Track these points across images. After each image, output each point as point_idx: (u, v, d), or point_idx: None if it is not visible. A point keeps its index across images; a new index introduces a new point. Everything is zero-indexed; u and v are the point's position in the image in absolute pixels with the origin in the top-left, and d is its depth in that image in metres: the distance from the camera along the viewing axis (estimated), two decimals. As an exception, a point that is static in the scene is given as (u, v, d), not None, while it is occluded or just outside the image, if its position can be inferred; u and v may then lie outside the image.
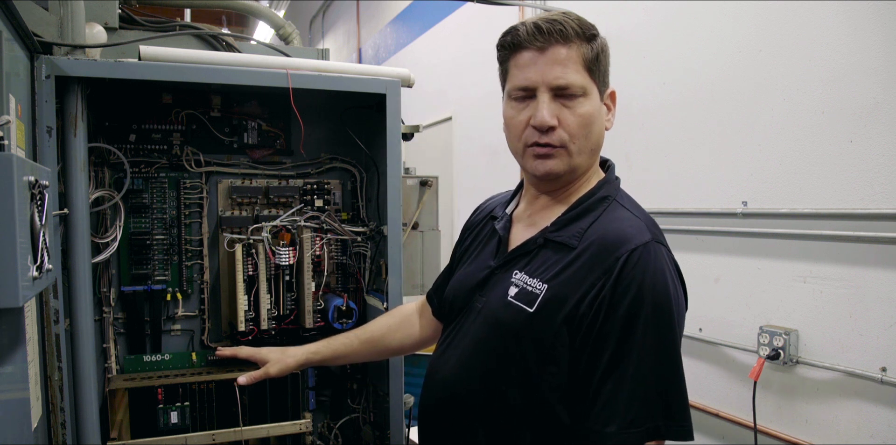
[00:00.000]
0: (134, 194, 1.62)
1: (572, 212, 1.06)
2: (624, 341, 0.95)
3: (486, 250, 1.18)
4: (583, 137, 1.03)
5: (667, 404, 0.95)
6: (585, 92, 1.02)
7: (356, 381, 1.79)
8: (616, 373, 0.95)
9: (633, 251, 0.97)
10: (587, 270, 0.99)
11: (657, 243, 0.99)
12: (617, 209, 1.06)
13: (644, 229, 1.01)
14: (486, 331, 1.08)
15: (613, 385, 0.95)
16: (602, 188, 1.09)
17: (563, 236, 1.04)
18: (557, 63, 1.00)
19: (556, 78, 1.00)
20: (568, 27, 1.00)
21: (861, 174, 1.96)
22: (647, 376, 0.94)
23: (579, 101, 1.01)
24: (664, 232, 1.09)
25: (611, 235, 1.00)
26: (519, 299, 1.04)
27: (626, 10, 2.91)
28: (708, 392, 2.50)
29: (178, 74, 1.39)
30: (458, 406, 1.10)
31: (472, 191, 4.26)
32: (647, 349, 0.94)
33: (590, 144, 1.04)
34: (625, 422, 0.94)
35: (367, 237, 1.72)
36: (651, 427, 0.94)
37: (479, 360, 1.08)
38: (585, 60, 1.02)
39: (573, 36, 1.00)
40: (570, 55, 1.00)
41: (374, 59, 6.47)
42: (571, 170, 1.05)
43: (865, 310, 1.96)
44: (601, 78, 1.05)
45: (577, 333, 0.98)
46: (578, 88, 1.01)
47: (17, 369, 0.98)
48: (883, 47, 1.90)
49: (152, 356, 1.62)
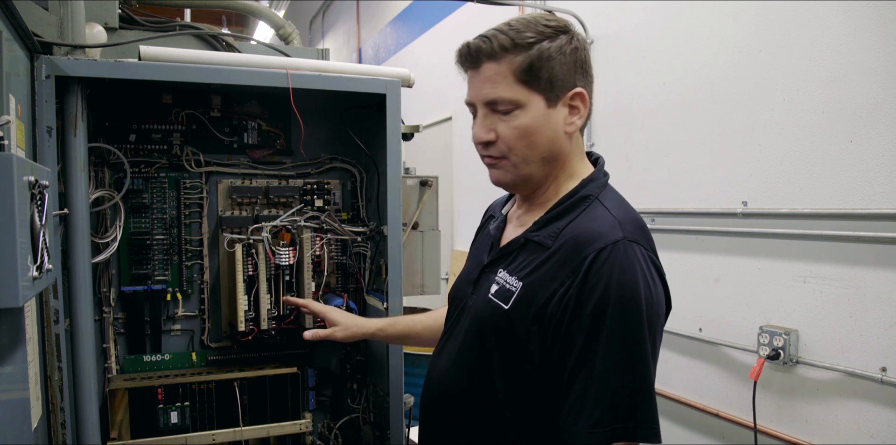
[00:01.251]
0: (134, 194, 1.62)
1: (552, 212, 1.07)
2: (590, 340, 0.95)
3: (483, 250, 1.20)
4: (524, 148, 1.04)
5: (632, 406, 0.94)
6: (519, 104, 1.03)
7: (356, 381, 1.79)
8: (583, 373, 0.95)
9: (602, 250, 0.96)
10: (557, 268, 0.99)
11: (630, 242, 0.98)
12: (596, 208, 1.05)
13: (616, 228, 0.99)
14: (471, 328, 1.10)
15: (580, 385, 0.95)
16: (585, 187, 1.08)
17: (541, 236, 1.05)
18: (487, 80, 1.03)
19: (486, 95, 1.04)
20: (496, 42, 1.02)
21: (861, 174, 1.96)
22: (613, 377, 0.94)
23: (515, 113, 1.03)
24: (665, 232, 1.09)
25: (582, 234, 1.00)
26: (497, 296, 1.06)
27: (626, 10, 2.91)
28: (708, 392, 2.50)
29: (178, 74, 1.39)
30: (451, 403, 1.11)
31: (472, 191, 4.26)
32: (613, 350, 0.94)
33: (536, 153, 1.05)
34: (590, 422, 0.94)
35: (367, 237, 1.72)
36: (618, 429, 0.93)
37: (466, 357, 1.10)
38: (517, 72, 1.02)
39: (501, 50, 1.02)
40: (500, 70, 1.02)
41: (374, 59, 6.47)
42: (523, 179, 1.07)
43: (865, 310, 1.96)
44: (546, 85, 1.03)
45: (547, 331, 0.99)
46: (509, 102, 1.03)
47: (17, 369, 0.98)
48: (883, 47, 1.90)
49: (152, 356, 1.62)
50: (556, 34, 1.03)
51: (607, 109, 3.01)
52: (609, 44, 3.02)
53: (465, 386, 1.09)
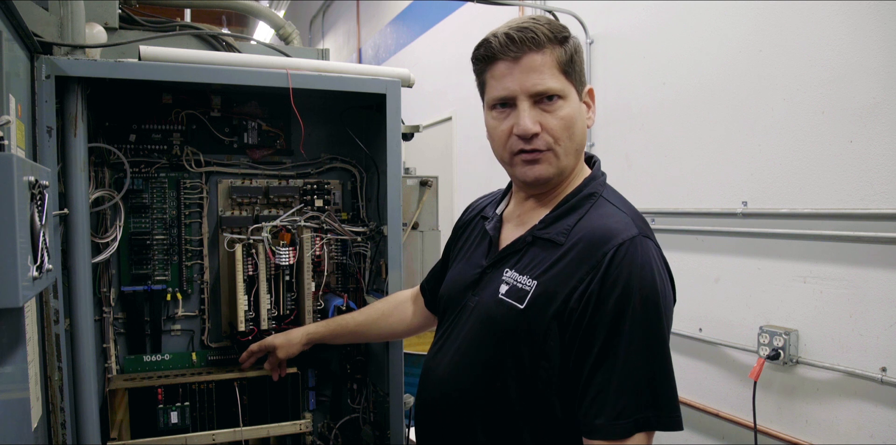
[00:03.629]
0: (134, 194, 1.62)
1: (559, 209, 1.08)
2: (612, 334, 0.96)
3: (479, 250, 1.19)
4: (567, 139, 1.05)
5: (655, 395, 0.96)
6: (564, 95, 1.04)
7: (356, 381, 1.79)
8: (604, 366, 0.96)
9: (621, 246, 0.98)
10: (575, 266, 1.00)
11: (644, 238, 1.01)
12: (604, 206, 1.07)
13: (630, 224, 1.02)
14: (479, 329, 1.10)
15: (602, 378, 0.96)
16: (588, 185, 1.10)
17: (551, 234, 1.06)
18: (533, 70, 1.02)
19: (533, 85, 1.02)
20: (539, 33, 1.02)
21: (861, 174, 1.96)
22: (635, 368, 0.96)
23: (559, 104, 1.04)
24: (664, 232, 1.10)
25: (598, 231, 1.01)
26: (510, 296, 1.06)
27: (626, 10, 2.91)
28: (708, 392, 2.50)
29: (178, 74, 1.39)
30: (455, 404, 1.11)
31: (472, 191, 4.26)
32: (635, 343, 0.96)
33: (574, 144, 1.07)
34: (613, 414, 0.95)
35: (367, 237, 1.72)
36: (640, 419, 0.95)
37: (474, 358, 1.09)
38: (560, 64, 1.03)
39: (545, 41, 1.02)
40: (545, 61, 1.03)
41: (374, 59, 6.47)
42: (559, 172, 1.08)
43: (865, 310, 1.96)
44: (577, 78, 1.07)
45: (567, 328, 1.00)
46: (557, 91, 1.03)
47: (17, 369, 0.98)
48: (883, 47, 1.90)
49: (152, 356, 1.62)
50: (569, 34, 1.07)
51: (607, 109, 3.01)
52: (609, 44, 3.02)
53: (473, 387, 1.08)
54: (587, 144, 3.04)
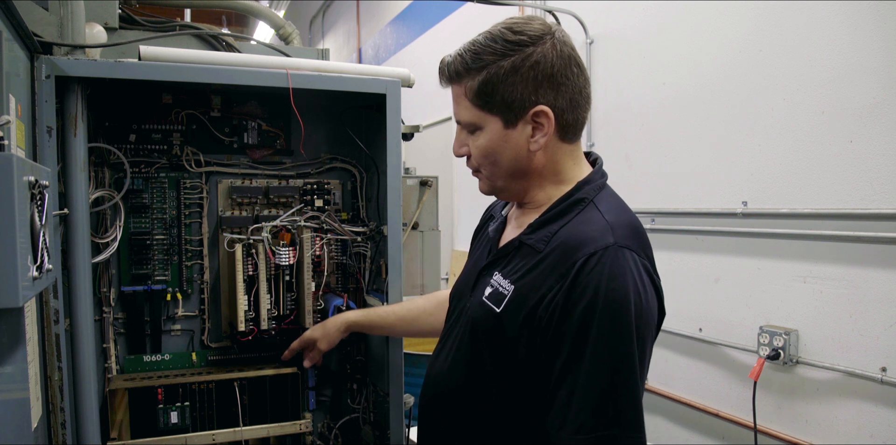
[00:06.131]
0: (134, 194, 1.62)
1: (547, 215, 1.06)
2: (577, 346, 0.93)
3: (483, 252, 1.20)
4: (489, 165, 1.08)
5: (617, 411, 0.93)
6: (477, 126, 1.06)
7: (356, 381, 1.79)
8: (569, 378, 0.94)
9: (592, 256, 0.95)
10: (547, 273, 0.98)
11: (620, 248, 0.96)
12: (590, 212, 1.04)
13: (607, 233, 0.98)
14: (466, 330, 1.10)
15: (566, 390, 0.94)
16: (581, 190, 1.07)
17: (533, 240, 1.05)
18: (454, 101, 1.09)
19: (454, 115, 1.10)
20: (452, 67, 1.05)
21: (861, 174, 1.96)
22: (598, 382, 0.93)
23: (477, 134, 1.07)
24: (665, 232, 1.09)
25: (572, 239, 0.99)
26: (490, 299, 1.06)
27: (626, 10, 2.91)
28: (708, 392, 2.50)
29: (178, 74, 1.38)
30: (447, 404, 1.12)
31: (472, 191, 4.24)
32: (599, 356, 0.93)
33: (501, 170, 1.07)
34: (573, 428, 0.93)
35: (367, 237, 1.72)
36: (603, 435, 0.92)
37: (461, 359, 1.10)
38: (472, 95, 1.04)
39: (455, 75, 1.05)
40: (459, 93, 1.06)
41: (374, 59, 6.47)
42: (499, 190, 1.12)
43: (865, 310, 1.96)
44: (501, 106, 1.02)
45: (536, 335, 0.98)
46: (468, 124, 1.07)
47: (17, 369, 0.98)
48: (883, 47, 1.90)
49: (152, 356, 1.62)
50: (517, 49, 1.00)
51: (607, 109, 3.01)
52: (609, 44, 3.02)
53: (459, 387, 1.09)
54: (587, 144, 3.06)
